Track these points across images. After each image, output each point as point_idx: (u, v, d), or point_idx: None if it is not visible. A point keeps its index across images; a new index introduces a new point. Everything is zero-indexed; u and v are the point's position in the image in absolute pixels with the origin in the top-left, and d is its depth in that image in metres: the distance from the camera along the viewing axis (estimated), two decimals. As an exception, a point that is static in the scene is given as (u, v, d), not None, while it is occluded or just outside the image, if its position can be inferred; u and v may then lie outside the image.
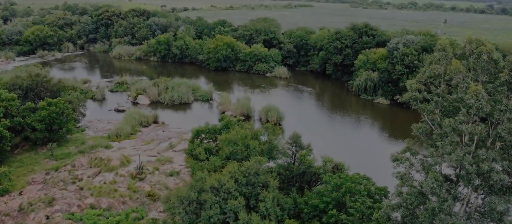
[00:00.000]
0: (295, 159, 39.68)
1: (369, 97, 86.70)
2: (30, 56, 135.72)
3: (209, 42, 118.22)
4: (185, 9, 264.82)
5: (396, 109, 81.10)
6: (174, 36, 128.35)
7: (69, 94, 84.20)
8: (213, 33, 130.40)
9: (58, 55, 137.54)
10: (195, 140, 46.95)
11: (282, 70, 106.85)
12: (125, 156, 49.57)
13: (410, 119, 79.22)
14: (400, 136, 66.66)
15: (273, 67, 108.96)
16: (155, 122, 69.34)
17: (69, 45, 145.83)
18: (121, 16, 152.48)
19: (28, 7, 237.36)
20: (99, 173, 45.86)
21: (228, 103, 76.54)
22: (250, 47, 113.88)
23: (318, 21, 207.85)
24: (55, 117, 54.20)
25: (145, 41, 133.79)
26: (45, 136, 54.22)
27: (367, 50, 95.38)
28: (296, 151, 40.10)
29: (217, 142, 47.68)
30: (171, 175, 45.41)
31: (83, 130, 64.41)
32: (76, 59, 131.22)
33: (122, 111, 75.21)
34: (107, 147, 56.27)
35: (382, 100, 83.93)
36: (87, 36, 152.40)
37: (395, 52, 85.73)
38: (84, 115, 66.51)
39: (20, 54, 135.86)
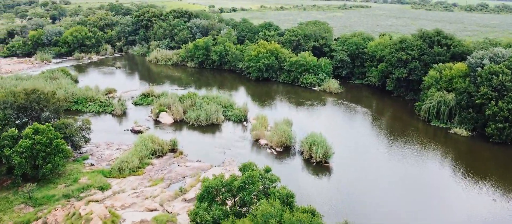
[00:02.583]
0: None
1: (443, 125, 68.91)
2: (67, 58, 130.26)
3: (251, 48, 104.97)
4: (234, 10, 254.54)
5: (480, 143, 62.97)
6: (213, 40, 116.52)
7: (87, 107, 75.00)
8: (256, 37, 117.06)
9: (95, 58, 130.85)
10: (205, 198, 33.70)
11: (333, 84, 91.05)
12: (112, 213, 37.24)
13: (499, 159, 61.62)
14: (487, 183, 49.18)
15: (322, 80, 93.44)
16: (172, 150, 56.94)
17: (107, 47, 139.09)
18: (162, 17, 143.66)
19: (79, 7, 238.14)
20: (71, 240, 33.86)
21: (263, 129, 62.56)
22: (297, 55, 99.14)
23: (376, 24, 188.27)
24: (40, 148, 43.20)
25: (183, 45, 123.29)
26: (27, 173, 43.41)
27: (439, 64, 77.32)
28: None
29: (235, 200, 34.17)
30: (163, 253, 32.42)
31: (85, 158, 53.36)
32: (111, 63, 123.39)
33: (139, 132, 63.81)
34: (102, 188, 44.52)
35: (460, 130, 65.87)
36: (127, 38, 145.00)
37: (479, 69, 67.44)
38: (87, 140, 55.46)
39: (57, 55, 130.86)
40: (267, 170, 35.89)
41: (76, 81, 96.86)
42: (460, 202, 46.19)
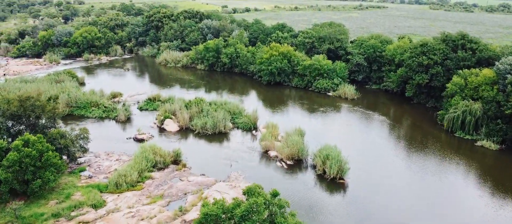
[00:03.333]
0: None
1: (468, 137, 63.66)
2: (76, 59, 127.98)
3: (263, 50, 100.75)
4: (247, 10, 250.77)
5: (509, 158, 57.67)
6: (224, 41, 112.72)
7: (90, 112, 72.01)
8: (269, 39, 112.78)
9: (104, 59, 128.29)
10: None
11: (348, 89, 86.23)
12: (101, 239, 33.64)
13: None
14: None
15: (337, 85, 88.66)
16: (175, 162, 53.19)
17: (117, 48, 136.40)
18: (173, 18, 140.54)
19: (92, 6, 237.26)
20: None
21: (273, 139, 58.28)
22: (311, 59, 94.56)
23: (393, 26, 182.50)
24: (29, 162, 39.84)
25: (194, 46, 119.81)
26: (14, 188, 40.09)
27: (464, 70, 71.97)
28: None
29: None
30: None
31: (82, 170, 49.95)
32: (120, 65, 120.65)
33: (142, 140, 60.31)
34: (96, 206, 40.96)
35: (488, 143, 60.50)
36: (137, 39, 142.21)
37: (509, 76, 61.98)
38: (84, 150, 52.06)
39: (67, 56, 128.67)
40: (275, 194, 31.73)
41: (83, 84, 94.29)
42: (491, 228, 41.34)
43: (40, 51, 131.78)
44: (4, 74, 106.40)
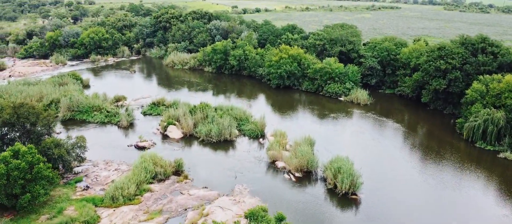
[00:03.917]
0: None
1: (490, 148, 59.53)
2: (83, 60, 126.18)
3: (272, 53, 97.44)
4: (257, 10, 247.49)
5: (536, 171, 53.58)
6: (233, 43, 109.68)
7: (92, 117, 69.63)
8: (279, 41, 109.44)
9: (111, 60, 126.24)
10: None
11: (361, 94, 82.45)
12: (89, 264, 30.75)
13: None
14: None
15: (349, 89, 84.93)
16: (177, 172, 50.24)
17: (125, 49, 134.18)
18: (181, 18, 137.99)
19: (101, 7, 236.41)
20: None
21: (281, 148, 55.00)
22: (321, 62, 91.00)
23: (407, 27, 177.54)
24: (17, 175, 37.20)
25: (202, 48, 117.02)
26: (2, 203, 37.50)
27: (485, 75, 67.80)
28: None
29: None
30: None
31: (78, 181, 47.23)
32: (127, 66, 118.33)
33: (143, 148, 57.57)
34: (88, 223, 38.14)
35: (512, 155, 56.57)
36: (144, 40, 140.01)
37: (535, 83, 57.82)
38: (81, 160, 49.41)
39: (74, 57, 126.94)
40: (280, 218, 28.57)
41: (87, 86, 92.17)
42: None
43: (47, 52, 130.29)
44: (10, 75, 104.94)
